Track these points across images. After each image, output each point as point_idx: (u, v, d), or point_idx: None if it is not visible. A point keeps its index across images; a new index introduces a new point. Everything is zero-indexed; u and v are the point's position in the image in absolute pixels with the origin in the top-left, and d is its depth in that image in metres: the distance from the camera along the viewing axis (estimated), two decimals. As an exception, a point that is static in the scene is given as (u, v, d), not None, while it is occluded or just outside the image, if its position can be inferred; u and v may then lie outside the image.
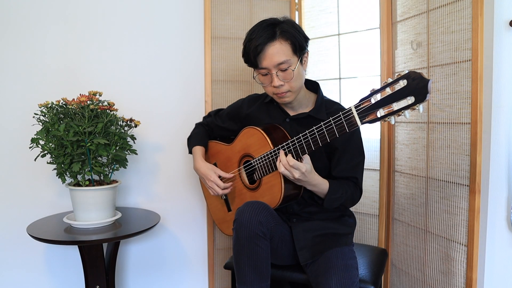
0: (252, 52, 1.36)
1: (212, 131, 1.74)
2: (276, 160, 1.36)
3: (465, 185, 1.43)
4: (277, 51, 1.35)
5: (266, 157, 1.41)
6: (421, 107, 1.06)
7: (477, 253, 1.40)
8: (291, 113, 1.51)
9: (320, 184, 1.37)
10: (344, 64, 1.98)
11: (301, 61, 1.39)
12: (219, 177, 1.57)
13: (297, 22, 2.07)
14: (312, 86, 1.53)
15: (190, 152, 1.72)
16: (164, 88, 1.98)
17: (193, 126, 1.77)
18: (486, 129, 1.38)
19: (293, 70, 1.36)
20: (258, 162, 1.45)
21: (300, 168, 1.28)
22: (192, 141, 1.71)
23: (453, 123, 1.47)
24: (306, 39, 1.41)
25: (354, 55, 1.94)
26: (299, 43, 1.37)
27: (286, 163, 1.29)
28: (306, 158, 1.32)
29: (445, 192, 1.52)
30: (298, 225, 1.47)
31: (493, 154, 1.38)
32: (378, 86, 1.12)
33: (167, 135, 1.99)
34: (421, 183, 1.65)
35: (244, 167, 1.54)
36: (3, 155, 1.80)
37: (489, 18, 1.35)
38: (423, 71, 1.59)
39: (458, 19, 1.43)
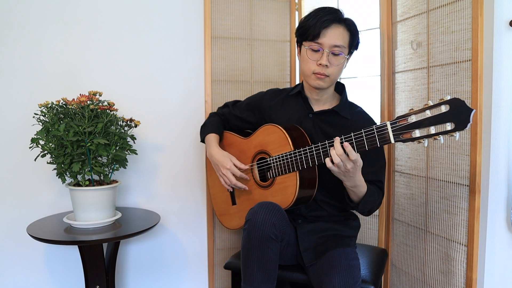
0: (320, 23, 1.39)
1: (227, 122, 1.72)
2: (295, 162, 1.37)
3: (465, 185, 1.43)
4: (340, 34, 1.40)
5: (285, 157, 1.41)
6: (457, 134, 1.05)
7: (477, 253, 1.40)
8: (315, 109, 1.51)
9: (363, 186, 1.33)
10: (344, 64, 1.98)
11: (348, 57, 1.45)
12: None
13: (297, 22, 2.08)
14: (337, 88, 1.55)
15: (202, 140, 1.70)
16: (164, 88, 1.98)
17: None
18: (486, 129, 1.38)
19: (345, 56, 1.42)
20: (275, 161, 1.44)
21: (357, 161, 1.24)
22: (206, 129, 1.69)
23: (453, 123, 1.47)
24: (359, 42, 1.47)
25: (354, 55, 1.94)
26: (357, 40, 1.45)
27: (342, 153, 1.23)
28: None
29: (445, 192, 1.52)
30: (304, 226, 1.47)
31: (493, 154, 1.38)
32: (417, 107, 1.12)
33: (167, 135, 1.99)
34: (421, 183, 1.65)
35: (258, 164, 1.53)
36: (3, 155, 1.79)
37: (489, 18, 1.35)
38: (423, 71, 1.59)
39: (458, 19, 1.43)
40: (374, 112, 1.84)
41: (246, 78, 2.05)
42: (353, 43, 1.44)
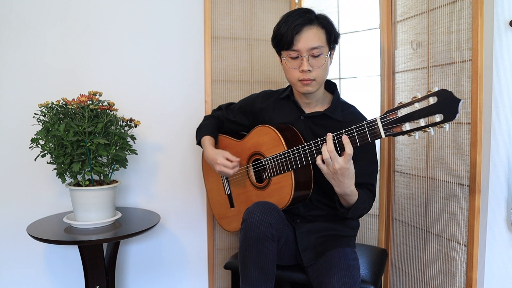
0: (290, 31, 1.36)
1: (222, 125, 1.72)
2: (289, 162, 1.36)
3: (465, 185, 1.43)
4: (314, 35, 1.36)
5: (279, 158, 1.41)
6: (447, 125, 1.05)
7: (477, 253, 1.40)
8: (306, 111, 1.50)
9: (354, 195, 1.30)
10: (344, 64, 1.98)
11: (330, 54, 1.41)
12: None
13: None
14: (329, 86, 1.53)
15: (198, 143, 1.70)
16: (164, 88, 1.98)
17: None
18: (486, 129, 1.38)
19: (325, 56, 1.38)
20: (269, 161, 1.45)
21: (345, 164, 1.20)
22: (202, 132, 1.68)
23: (453, 123, 1.47)
24: (338, 35, 1.44)
25: (354, 55, 1.94)
26: (334, 35, 1.41)
27: (332, 150, 1.21)
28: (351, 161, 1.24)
29: (445, 192, 1.52)
30: (302, 226, 1.47)
31: (493, 154, 1.38)
32: (406, 100, 1.12)
33: (167, 135, 1.99)
34: (421, 183, 1.65)
35: (253, 165, 1.53)
36: (3, 155, 1.80)
37: (489, 18, 1.35)
38: (423, 71, 1.59)
39: (458, 19, 1.43)
40: (374, 112, 1.84)
41: (246, 78, 2.05)
42: (331, 39, 1.40)
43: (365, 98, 1.89)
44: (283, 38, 1.38)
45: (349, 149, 1.21)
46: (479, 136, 1.37)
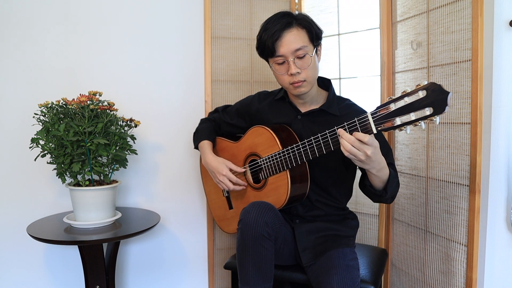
0: (269, 38, 1.36)
1: (219, 127, 1.72)
2: (284, 161, 1.36)
3: (465, 185, 1.43)
4: (294, 38, 1.36)
5: (275, 157, 1.41)
6: (437, 118, 1.05)
7: (477, 253, 1.40)
8: (303, 110, 1.50)
9: (386, 168, 1.25)
10: (344, 64, 1.98)
11: (316, 52, 1.41)
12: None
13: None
14: (324, 83, 1.53)
15: (196, 147, 1.70)
16: (164, 88, 1.98)
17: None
18: (486, 129, 1.38)
19: (311, 56, 1.37)
20: (265, 161, 1.45)
21: (373, 143, 1.16)
22: (200, 136, 1.68)
23: (453, 123, 1.47)
24: (320, 31, 1.43)
25: (354, 55, 1.94)
26: (315, 32, 1.40)
27: (354, 140, 1.15)
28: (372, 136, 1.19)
29: (445, 192, 1.52)
30: (301, 226, 1.47)
31: (493, 154, 1.38)
32: (396, 95, 1.12)
33: (167, 135, 1.99)
34: (421, 183, 1.65)
35: (250, 166, 1.54)
36: (3, 155, 1.80)
37: (489, 18, 1.35)
38: (423, 71, 1.59)
39: (458, 19, 1.43)
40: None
41: (246, 78, 2.05)
42: (313, 36, 1.39)
43: (365, 98, 1.89)
44: (265, 46, 1.39)
45: (362, 136, 1.15)
46: (479, 136, 1.37)
